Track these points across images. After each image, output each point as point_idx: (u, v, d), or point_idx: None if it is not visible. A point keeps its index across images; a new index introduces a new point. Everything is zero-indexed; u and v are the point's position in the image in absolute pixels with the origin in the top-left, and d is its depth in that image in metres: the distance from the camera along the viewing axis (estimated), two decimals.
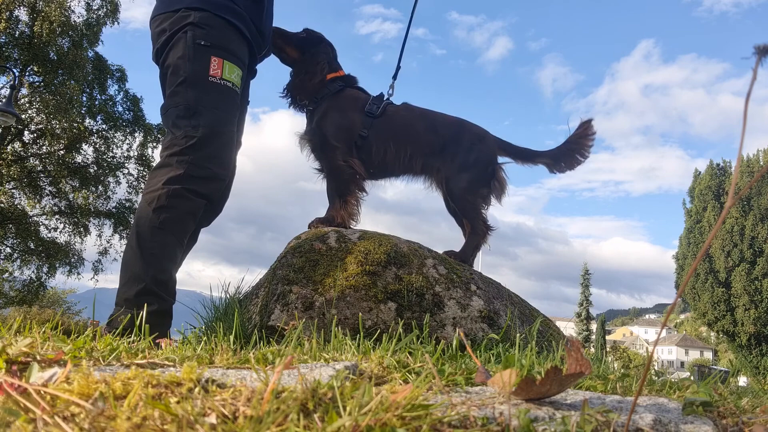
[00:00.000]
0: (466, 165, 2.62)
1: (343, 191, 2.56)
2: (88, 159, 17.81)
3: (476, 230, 2.61)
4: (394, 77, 2.83)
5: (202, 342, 1.37)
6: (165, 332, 1.97)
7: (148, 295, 1.98)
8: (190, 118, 2.13)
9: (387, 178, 2.82)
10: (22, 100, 16.42)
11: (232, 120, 2.24)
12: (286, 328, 1.85)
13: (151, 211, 2.08)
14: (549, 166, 2.79)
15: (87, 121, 17.54)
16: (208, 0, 2.22)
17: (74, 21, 16.63)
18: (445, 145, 2.66)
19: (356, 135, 2.62)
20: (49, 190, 17.48)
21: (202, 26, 2.18)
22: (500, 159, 2.75)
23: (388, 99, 2.76)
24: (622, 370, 1.29)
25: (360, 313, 1.96)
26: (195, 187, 2.10)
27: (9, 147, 16.61)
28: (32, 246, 17.26)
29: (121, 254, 2.26)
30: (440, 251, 2.48)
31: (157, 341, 1.78)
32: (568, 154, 2.76)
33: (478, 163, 2.65)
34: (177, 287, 2.17)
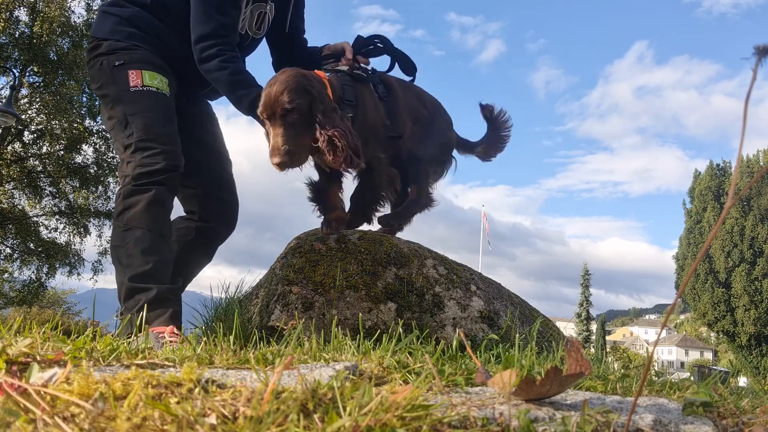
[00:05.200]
0: (437, 139, 2.67)
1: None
2: (88, 159, 17.80)
3: (420, 199, 2.60)
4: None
5: (202, 342, 1.37)
6: (166, 321, 1.93)
7: (132, 296, 1.99)
8: (124, 130, 2.18)
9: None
10: (22, 100, 16.40)
11: (168, 118, 2.24)
12: (286, 328, 1.85)
13: (116, 219, 2.12)
14: (481, 154, 2.93)
15: (87, 121, 17.53)
16: (116, 31, 2.28)
17: (74, 21, 16.63)
18: (427, 118, 2.67)
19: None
20: (49, 191, 17.46)
21: (111, 52, 2.25)
22: None
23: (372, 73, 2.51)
24: (622, 371, 1.29)
25: (360, 314, 1.96)
26: (144, 180, 2.09)
27: (9, 147, 16.60)
28: (32, 246, 17.25)
29: None
30: (439, 251, 2.48)
31: (157, 332, 1.79)
32: (495, 141, 2.91)
33: (448, 143, 2.74)
34: None
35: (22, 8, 15.74)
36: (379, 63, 2.67)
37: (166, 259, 2.12)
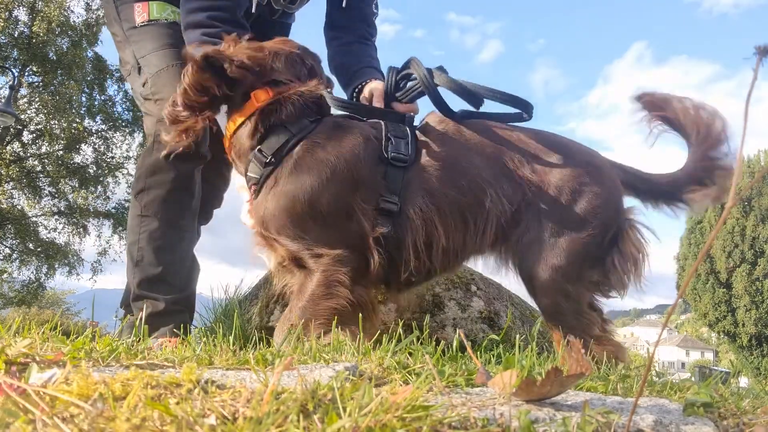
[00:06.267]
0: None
1: None
2: (87, 159, 17.82)
3: None
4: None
5: (202, 343, 1.37)
6: (169, 332, 1.90)
7: (140, 300, 1.94)
8: (138, 77, 1.98)
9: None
10: (22, 100, 16.41)
11: (178, 51, 1.92)
12: None
13: (134, 196, 1.95)
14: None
15: (86, 121, 17.55)
16: None
17: (73, 21, 16.66)
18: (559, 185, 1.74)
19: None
20: (49, 191, 17.47)
21: None
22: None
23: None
24: (623, 371, 1.28)
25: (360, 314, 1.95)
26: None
27: (8, 147, 16.60)
28: (31, 246, 17.26)
29: (120, 255, 2.17)
30: None
31: (160, 343, 1.78)
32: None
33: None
34: None
35: (21, 8, 15.75)
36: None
37: (181, 256, 1.97)
